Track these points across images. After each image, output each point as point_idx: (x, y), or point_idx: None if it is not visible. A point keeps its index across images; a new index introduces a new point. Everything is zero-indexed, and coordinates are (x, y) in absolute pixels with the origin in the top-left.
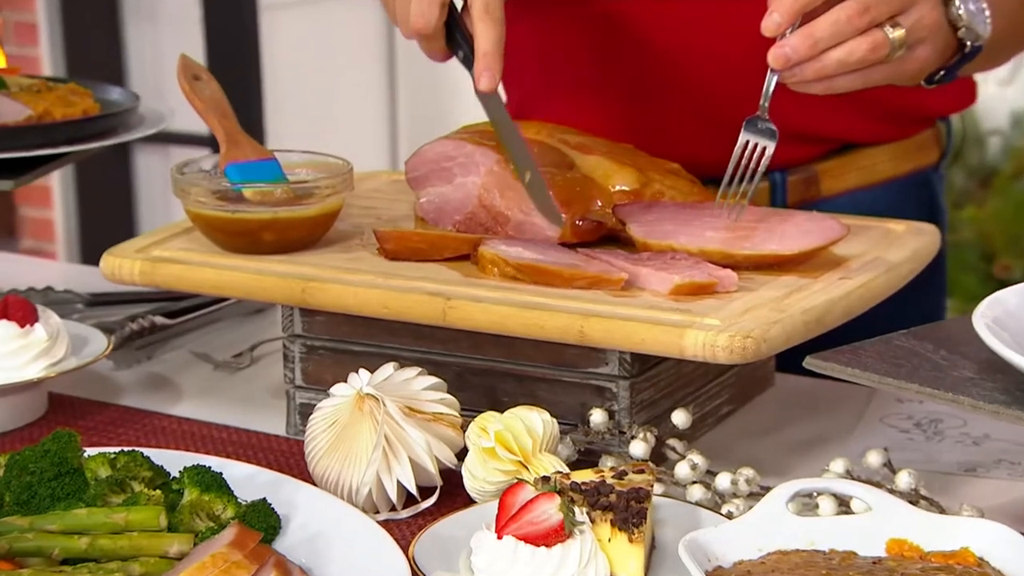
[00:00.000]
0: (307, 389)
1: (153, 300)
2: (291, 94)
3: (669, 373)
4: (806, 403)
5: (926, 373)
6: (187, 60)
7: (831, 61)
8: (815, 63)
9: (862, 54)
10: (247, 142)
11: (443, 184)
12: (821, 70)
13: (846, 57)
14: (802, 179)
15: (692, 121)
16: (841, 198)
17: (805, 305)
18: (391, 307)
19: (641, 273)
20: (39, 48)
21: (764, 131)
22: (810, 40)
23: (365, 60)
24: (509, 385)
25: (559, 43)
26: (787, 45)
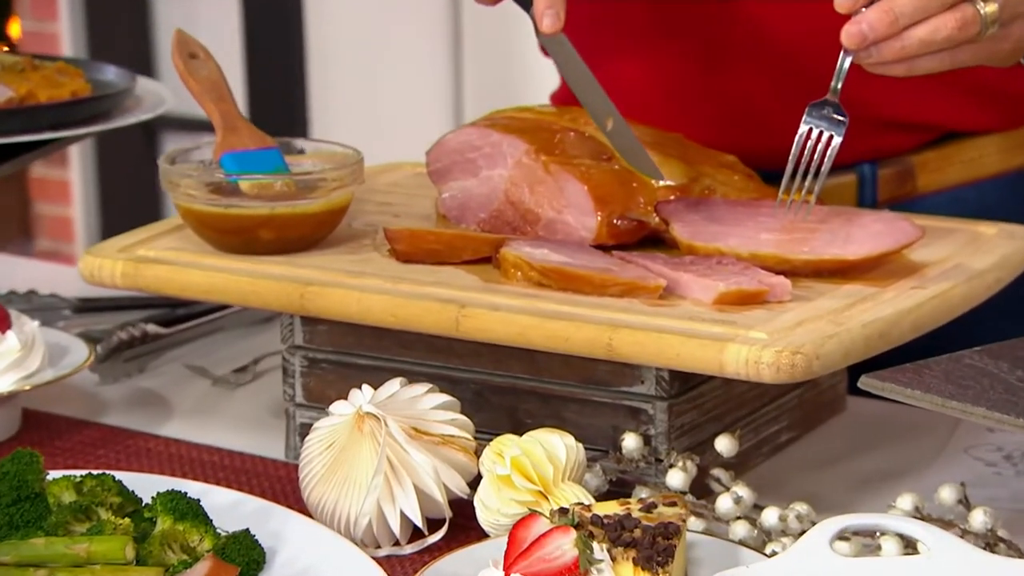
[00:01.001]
0: (308, 407)
1: (148, 306)
2: (339, 75)
3: (715, 394)
4: (881, 431)
5: (997, 396)
6: (183, 36)
7: (913, 40)
8: (895, 42)
9: (949, 32)
10: (246, 128)
11: (467, 177)
12: (902, 50)
13: (930, 35)
14: (895, 172)
15: (762, 100)
16: (941, 195)
17: (867, 318)
18: (399, 315)
19: (682, 279)
20: (58, 23)
21: (831, 119)
22: (890, 16)
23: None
24: (533, 405)
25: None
26: (863, 21)
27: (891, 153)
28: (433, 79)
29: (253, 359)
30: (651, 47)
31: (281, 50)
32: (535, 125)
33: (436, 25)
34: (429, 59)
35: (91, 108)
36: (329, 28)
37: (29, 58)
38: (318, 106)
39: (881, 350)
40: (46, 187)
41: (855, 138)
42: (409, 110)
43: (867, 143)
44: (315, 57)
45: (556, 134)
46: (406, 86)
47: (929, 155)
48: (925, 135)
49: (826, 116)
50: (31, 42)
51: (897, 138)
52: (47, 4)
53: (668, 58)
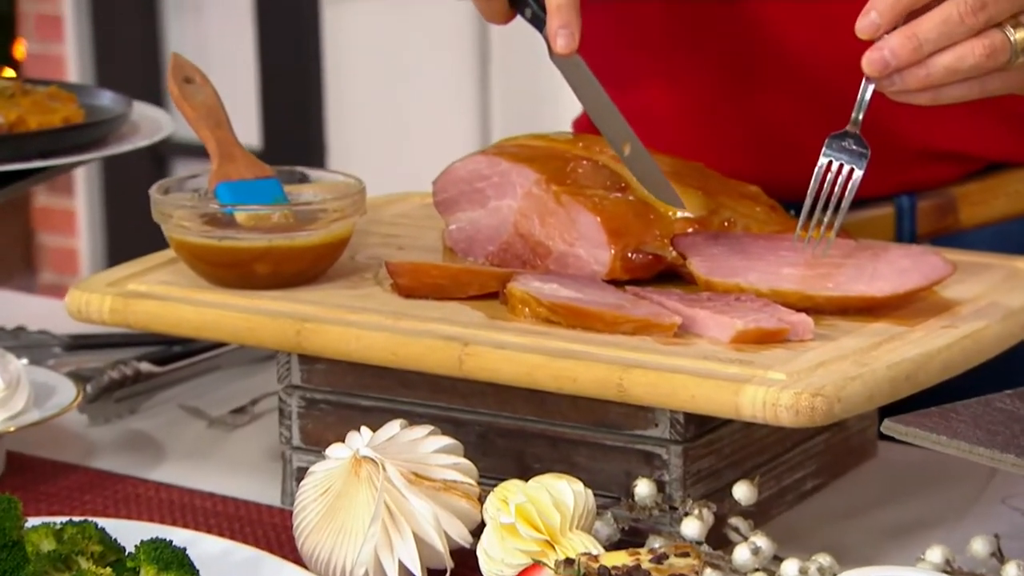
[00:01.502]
0: (306, 451)
1: (142, 344)
2: (359, 99)
3: (734, 438)
4: (913, 479)
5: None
6: (179, 60)
7: (938, 68)
8: (919, 69)
9: (976, 60)
10: (243, 157)
11: (475, 208)
12: (927, 78)
13: (956, 63)
14: (935, 205)
15: (790, 126)
16: (984, 230)
17: (894, 358)
18: (399, 354)
19: (698, 317)
20: (64, 45)
21: (852, 151)
22: (913, 42)
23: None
24: (541, 449)
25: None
26: (885, 47)
27: (931, 185)
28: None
29: (251, 399)
30: (674, 69)
31: (297, 73)
32: (546, 153)
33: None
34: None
35: (84, 135)
36: (348, 52)
37: (19, 83)
38: (336, 132)
39: (908, 393)
40: (50, 217)
41: (892, 168)
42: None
43: (905, 174)
44: (333, 81)
45: (568, 163)
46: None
47: (971, 187)
48: (967, 166)
49: (847, 148)
50: (36, 65)
51: (937, 169)
52: (52, 25)
53: (692, 81)
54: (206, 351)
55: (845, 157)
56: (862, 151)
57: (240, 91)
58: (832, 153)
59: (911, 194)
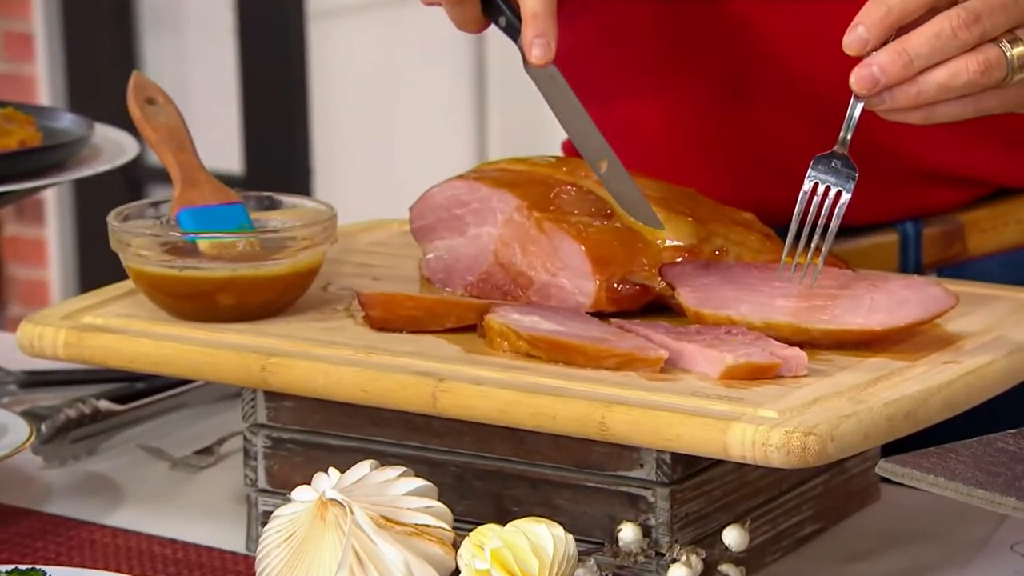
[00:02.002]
0: (272, 494)
1: (103, 380)
2: (347, 121)
3: (726, 480)
4: (918, 523)
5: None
6: (141, 79)
7: (931, 85)
8: (910, 87)
9: (970, 76)
10: (207, 182)
11: (453, 236)
12: (918, 96)
13: (950, 80)
14: (942, 232)
15: (788, 147)
16: (993, 259)
17: (892, 395)
18: (370, 390)
19: (686, 351)
20: (35, 65)
21: (840, 172)
22: (904, 58)
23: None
24: (521, 491)
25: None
26: (874, 64)
27: (937, 210)
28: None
29: (217, 439)
30: (663, 84)
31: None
32: (528, 178)
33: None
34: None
35: (41, 159)
36: (335, 71)
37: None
38: (322, 156)
39: (907, 432)
40: (19, 247)
41: (895, 192)
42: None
43: (909, 198)
44: (319, 101)
45: (552, 188)
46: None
47: (980, 213)
48: (974, 191)
49: (834, 169)
50: (5, 86)
51: (943, 193)
52: (22, 44)
53: (681, 97)
54: (170, 388)
55: (832, 179)
56: (850, 172)
57: (221, 113)
58: (818, 175)
59: (916, 220)
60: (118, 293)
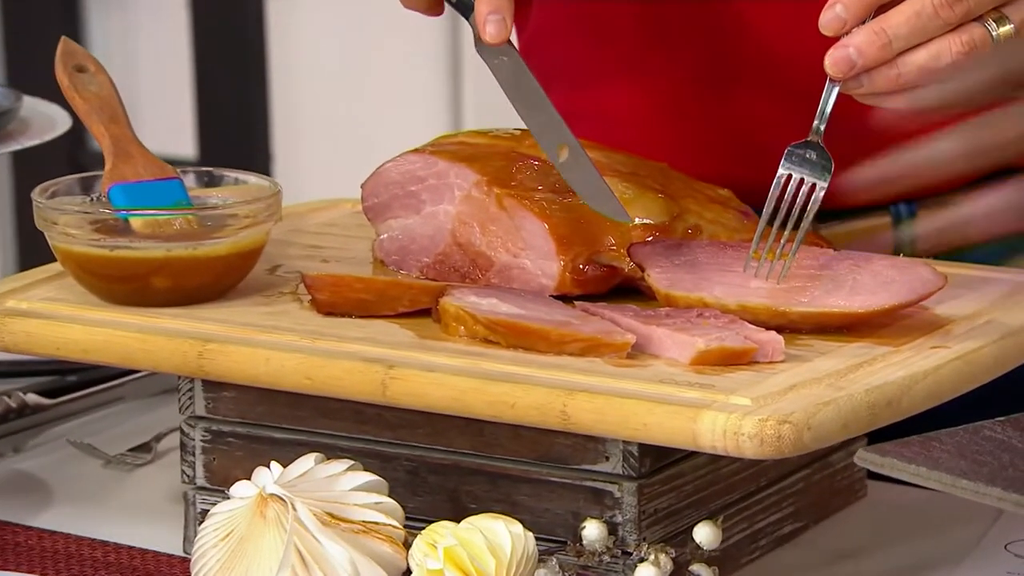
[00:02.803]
0: (212, 491)
1: (32, 373)
2: (310, 100)
3: (699, 473)
4: (908, 522)
5: (1018, 475)
6: (70, 46)
7: (911, 67)
8: (889, 69)
9: (953, 58)
10: (141, 155)
11: (408, 215)
12: (898, 79)
13: (931, 62)
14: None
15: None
16: (994, 243)
17: (874, 381)
18: (315, 378)
19: (655, 335)
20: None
21: (814, 162)
22: (882, 38)
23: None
24: (479, 487)
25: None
26: (851, 44)
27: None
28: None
29: (155, 435)
30: (640, 64)
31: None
32: (489, 152)
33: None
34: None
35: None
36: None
37: None
38: (283, 139)
39: (889, 420)
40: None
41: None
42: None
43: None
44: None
45: (513, 163)
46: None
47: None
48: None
49: (808, 161)
50: None
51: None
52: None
53: (659, 77)
54: (105, 381)
55: (806, 170)
56: (825, 164)
57: (173, 93)
58: (792, 166)
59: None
60: (44, 276)
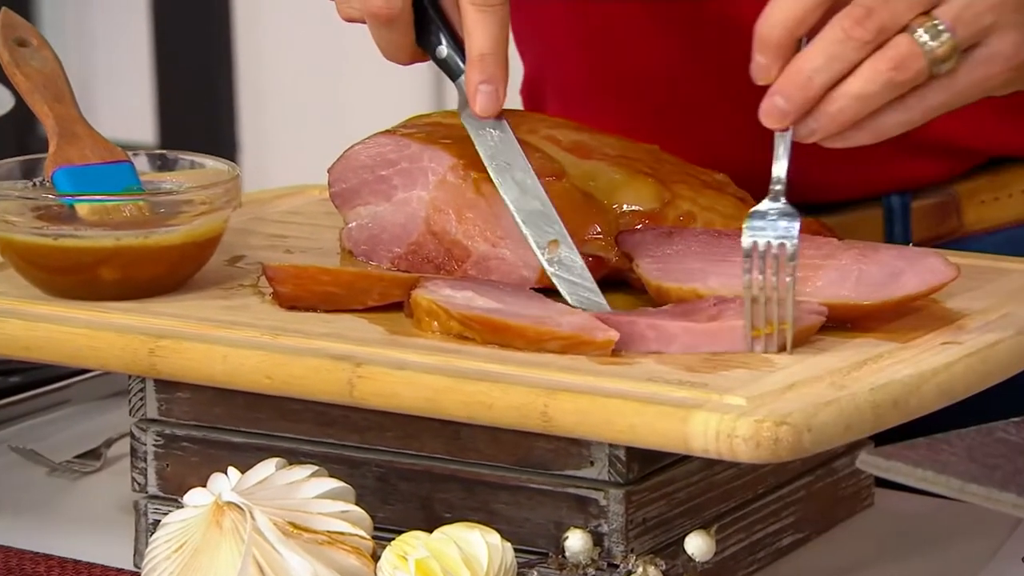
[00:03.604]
0: (165, 500)
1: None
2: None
3: (691, 480)
4: (917, 532)
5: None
6: (11, 18)
7: (846, 99)
8: (827, 106)
9: (886, 76)
10: (88, 136)
11: (379, 201)
12: (840, 115)
13: (865, 88)
14: (934, 205)
15: None
16: (993, 236)
17: (879, 380)
18: (276, 377)
19: (638, 329)
20: None
21: (776, 222)
22: (799, 77)
23: None
24: (453, 494)
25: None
26: (775, 93)
27: (926, 182)
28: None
29: (104, 441)
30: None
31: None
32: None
33: None
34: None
35: None
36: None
37: None
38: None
39: (896, 422)
40: None
41: (879, 165)
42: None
43: (895, 169)
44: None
45: None
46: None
47: (978, 183)
48: (965, 162)
49: (771, 222)
50: None
51: (934, 165)
52: None
53: (654, 49)
54: (50, 383)
55: (771, 234)
56: (790, 216)
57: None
58: (756, 232)
59: (903, 193)
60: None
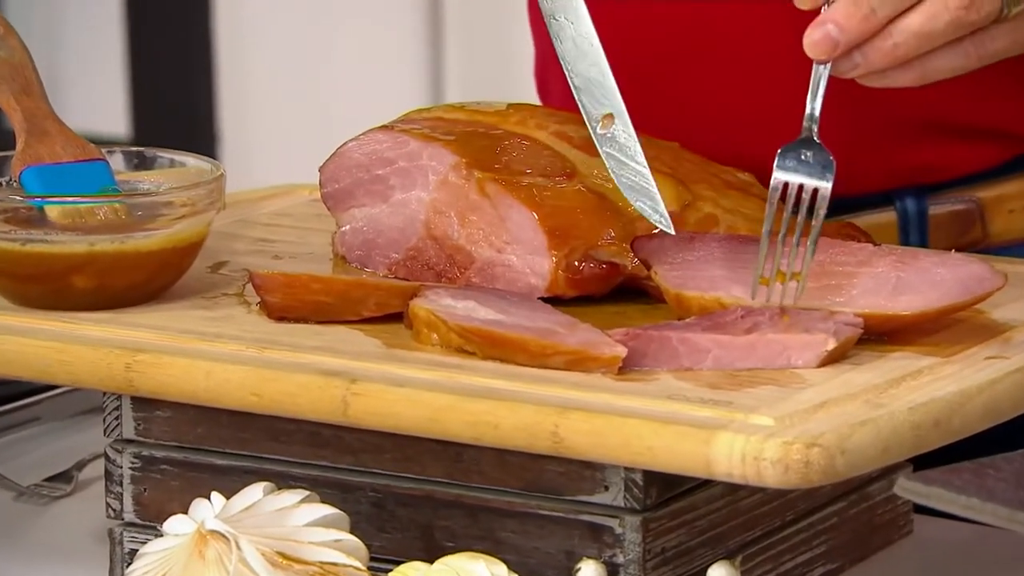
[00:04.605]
0: (142, 527)
1: None
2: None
3: (714, 506)
4: (962, 563)
5: None
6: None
7: (906, 35)
8: (881, 41)
9: (952, 15)
10: (59, 133)
11: (375, 203)
12: (894, 51)
13: (928, 25)
14: (955, 213)
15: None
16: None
17: (919, 398)
18: (264, 394)
19: (670, 344)
20: None
21: (811, 163)
22: (862, 8)
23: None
24: (456, 521)
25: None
26: (828, 21)
27: (945, 176)
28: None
29: (76, 463)
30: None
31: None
32: (468, 129)
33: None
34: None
35: None
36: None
37: None
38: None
39: (938, 444)
40: None
41: (890, 151)
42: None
43: (907, 157)
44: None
45: (498, 142)
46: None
47: (1006, 188)
48: (990, 149)
49: (805, 162)
50: None
51: (949, 151)
52: None
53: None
54: (18, 399)
55: (804, 172)
56: (825, 161)
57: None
58: (785, 172)
59: (919, 192)
60: None
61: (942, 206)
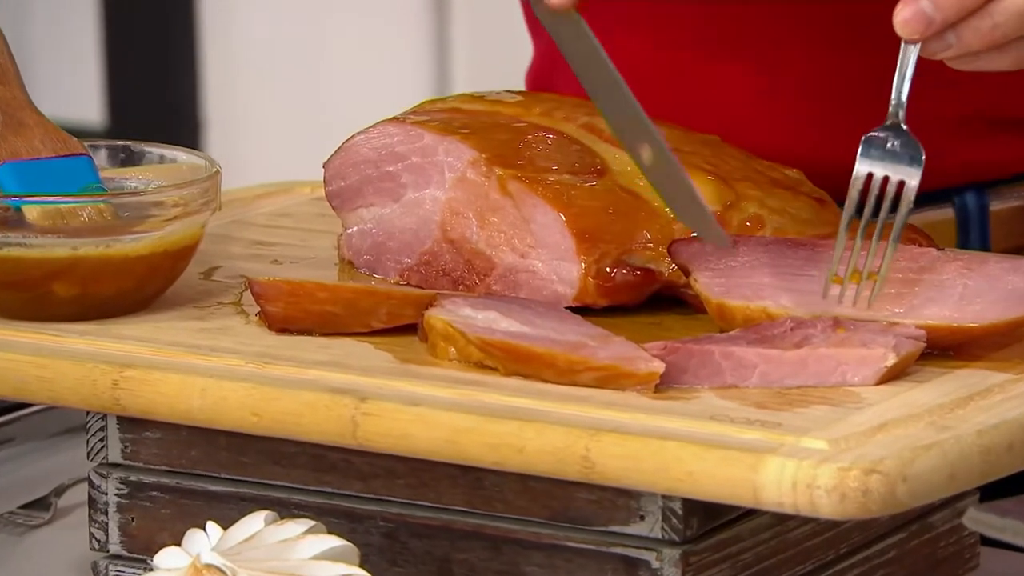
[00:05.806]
0: (130, 560)
1: None
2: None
3: (761, 538)
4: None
5: None
6: None
7: (1004, 17)
8: (980, 21)
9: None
10: (39, 125)
11: (385, 202)
12: (992, 32)
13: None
14: (1017, 209)
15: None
16: None
17: (990, 420)
18: (265, 415)
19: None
20: None
21: (899, 153)
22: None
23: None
24: (476, 554)
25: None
26: None
27: (1007, 172)
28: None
29: (55, 488)
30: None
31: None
32: (489, 121)
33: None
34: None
35: None
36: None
37: None
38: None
39: (1011, 470)
40: None
41: (946, 142)
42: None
43: (967, 153)
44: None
45: (520, 135)
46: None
47: None
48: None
49: (892, 152)
50: None
51: (1012, 142)
52: None
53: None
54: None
55: (890, 163)
56: (915, 153)
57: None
58: (869, 162)
59: (980, 189)
60: None
61: (1004, 202)
